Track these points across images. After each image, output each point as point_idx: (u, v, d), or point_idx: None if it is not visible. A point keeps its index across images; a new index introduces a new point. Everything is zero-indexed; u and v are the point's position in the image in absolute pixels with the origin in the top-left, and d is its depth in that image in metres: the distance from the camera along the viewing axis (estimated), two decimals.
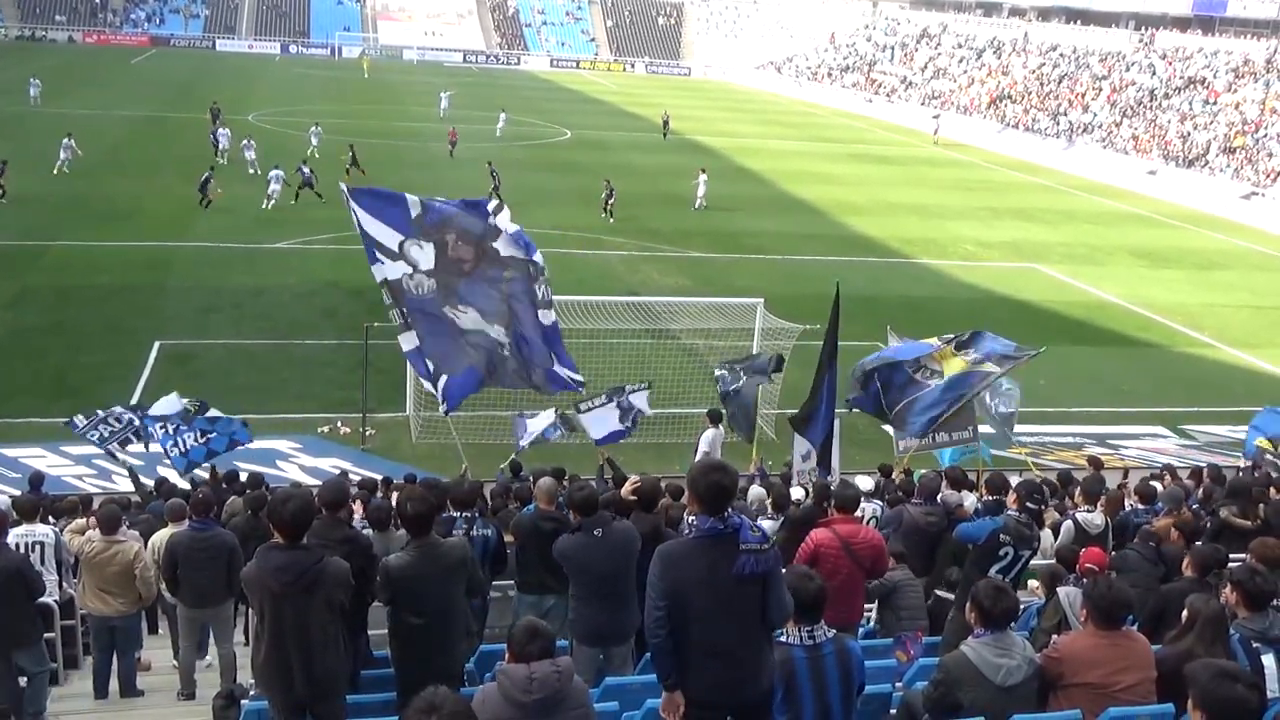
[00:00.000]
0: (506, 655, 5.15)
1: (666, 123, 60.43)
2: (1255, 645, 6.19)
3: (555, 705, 4.99)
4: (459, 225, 11.82)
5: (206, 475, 14.75)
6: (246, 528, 10.28)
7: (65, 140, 39.53)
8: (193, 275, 28.69)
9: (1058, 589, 8.11)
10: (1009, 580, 8.14)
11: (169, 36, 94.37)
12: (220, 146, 43.91)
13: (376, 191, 12.33)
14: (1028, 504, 8.36)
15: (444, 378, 11.84)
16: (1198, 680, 4.52)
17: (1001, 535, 8.16)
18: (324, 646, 6.45)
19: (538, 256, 11.97)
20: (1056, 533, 10.96)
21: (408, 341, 11.84)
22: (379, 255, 11.67)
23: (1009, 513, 8.45)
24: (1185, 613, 6.29)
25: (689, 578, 5.40)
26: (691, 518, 5.52)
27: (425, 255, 11.74)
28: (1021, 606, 8.18)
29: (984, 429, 15.74)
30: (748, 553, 5.36)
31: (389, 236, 11.69)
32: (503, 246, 11.81)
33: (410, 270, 11.75)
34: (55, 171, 38.39)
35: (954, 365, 14.36)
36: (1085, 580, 7.85)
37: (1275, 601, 6.49)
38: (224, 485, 13.72)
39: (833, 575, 7.91)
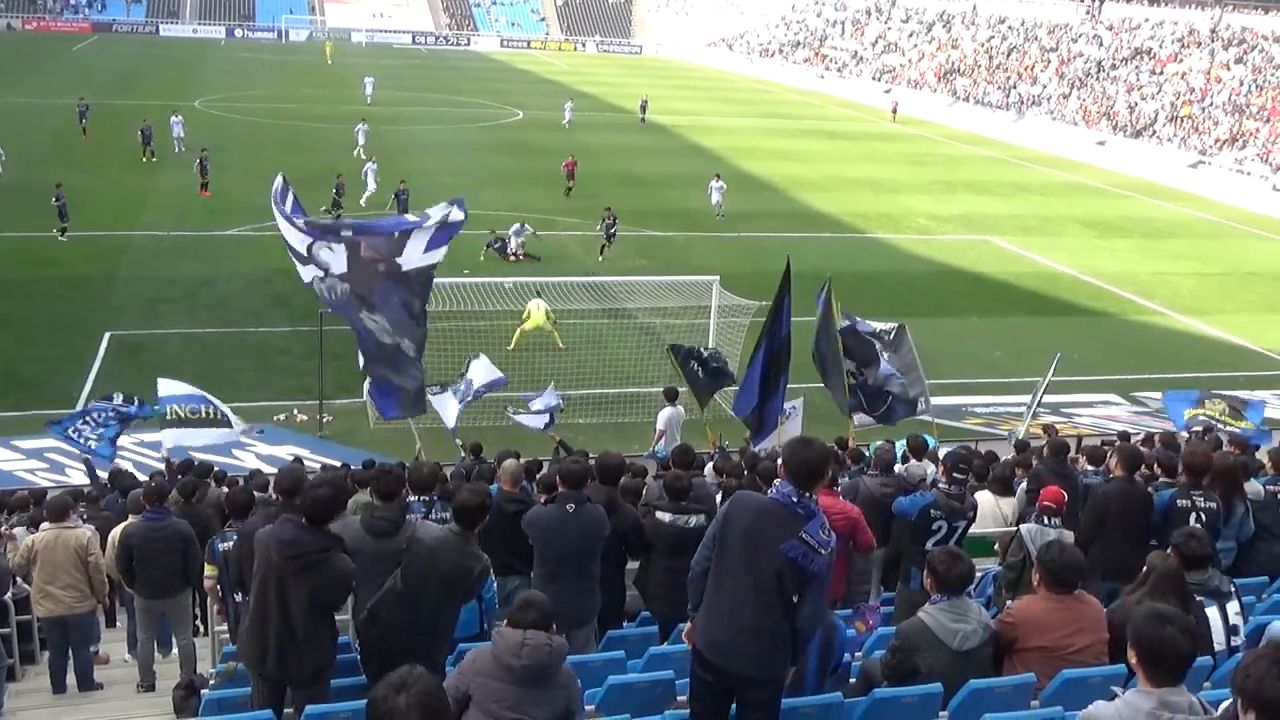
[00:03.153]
0: (505, 623, 5.26)
1: (644, 106, 59.03)
2: (1199, 599, 6.33)
3: (543, 678, 5.07)
4: (371, 231, 11.92)
5: (163, 466, 14.61)
6: (180, 516, 10.16)
7: None
8: (142, 265, 28.30)
9: (1020, 527, 8.30)
10: None
11: (111, 22, 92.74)
12: (174, 135, 42.37)
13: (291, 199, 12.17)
14: (955, 474, 8.46)
15: (367, 381, 12.01)
16: (1134, 620, 4.60)
17: (932, 510, 8.28)
18: (305, 638, 6.33)
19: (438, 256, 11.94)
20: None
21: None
22: (295, 260, 11.84)
23: (940, 485, 8.55)
24: (1144, 569, 6.43)
25: (743, 524, 5.47)
26: (777, 480, 5.61)
27: (336, 258, 11.70)
28: (978, 575, 8.32)
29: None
30: (803, 542, 5.35)
31: (299, 240, 11.69)
32: (410, 259, 11.74)
33: (321, 274, 11.71)
34: None
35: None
36: (1043, 517, 8.01)
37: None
38: (179, 475, 13.55)
39: None
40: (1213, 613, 6.31)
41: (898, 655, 6.07)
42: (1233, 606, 6.45)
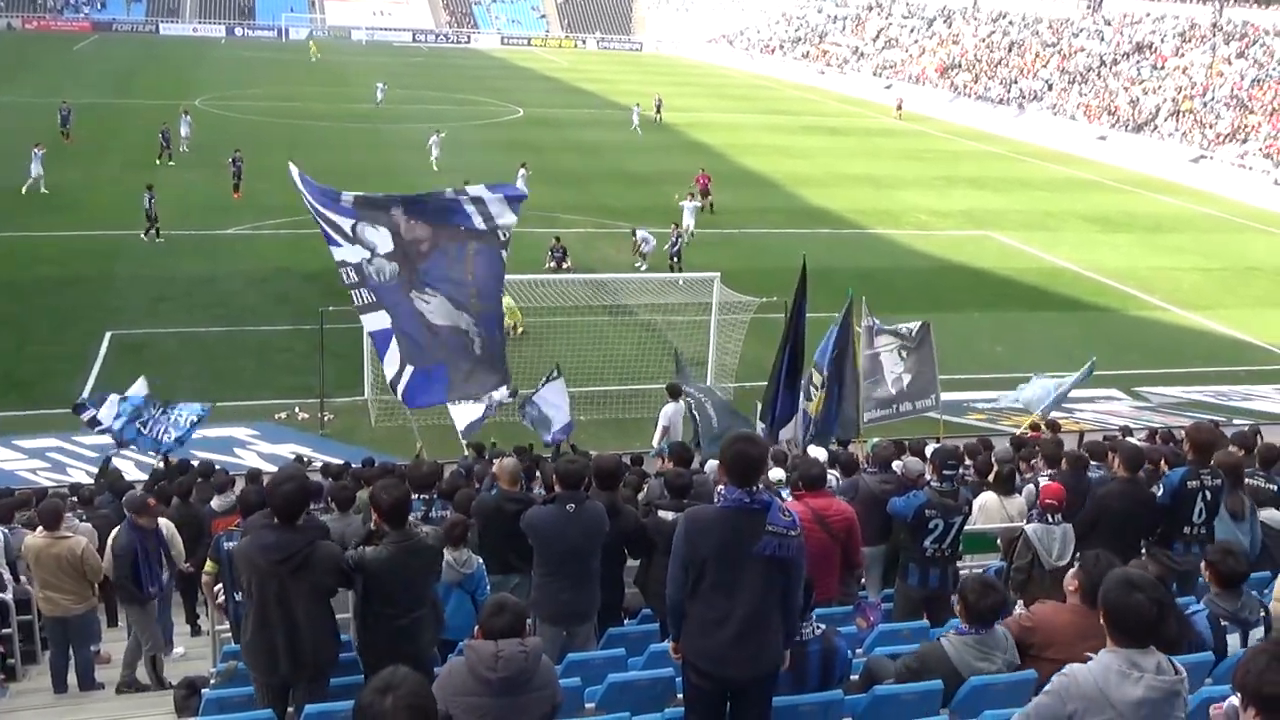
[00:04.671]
0: (476, 630, 5.14)
1: (659, 106, 57.76)
2: (1224, 624, 6.18)
3: (521, 684, 4.97)
4: (408, 204, 11.39)
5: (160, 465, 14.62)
6: (176, 517, 10.19)
7: (36, 151, 34.92)
8: (142, 264, 28.27)
9: (1024, 526, 8.24)
10: (946, 549, 8.25)
11: (111, 21, 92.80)
12: (183, 134, 42.21)
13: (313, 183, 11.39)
14: (944, 471, 8.41)
15: (409, 369, 11.23)
16: (1105, 584, 4.58)
17: (926, 510, 8.20)
18: (310, 629, 6.34)
19: (509, 219, 11.28)
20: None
21: (375, 322, 11.12)
22: (335, 238, 11.05)
23: (931, 484, 8.49)
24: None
25: (711, 544, 5.43)
26: (721, 487, 5.57)
27: (381, 237, 11.11)
28: (962, 572, 8.32)
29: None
30: (773, 535, 5.36)
31: (342, 219, 11.09)
32: (466, 219, 11.21)
33: (368, 255, 11.02)
34: (25, 191, 34.06)
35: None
36: (1046, 515, 7.98)
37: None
38: (179, 474, 13.56)
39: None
40: (1234, 640, 6.13)
41: (911, 674, 6.01)
42: (1256, 633, 6.23)
